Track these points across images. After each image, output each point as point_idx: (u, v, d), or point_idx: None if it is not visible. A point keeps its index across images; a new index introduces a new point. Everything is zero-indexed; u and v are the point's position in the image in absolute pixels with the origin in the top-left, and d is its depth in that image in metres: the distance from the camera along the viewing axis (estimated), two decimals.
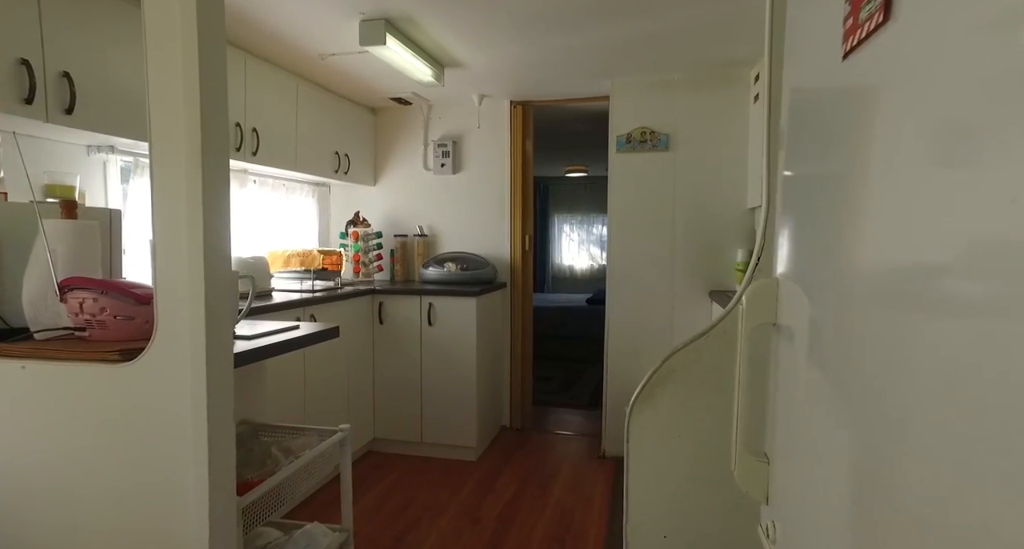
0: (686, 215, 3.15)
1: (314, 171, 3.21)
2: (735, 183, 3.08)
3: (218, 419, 1.10)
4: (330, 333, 1.63)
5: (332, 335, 1.64)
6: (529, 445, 3.50)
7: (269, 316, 2.37)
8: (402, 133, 3.87)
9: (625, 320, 3.25)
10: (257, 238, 3.16)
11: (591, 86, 3.32)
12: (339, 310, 2.95)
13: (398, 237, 3.82)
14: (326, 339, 1.62)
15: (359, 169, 3.71)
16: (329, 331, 1.63)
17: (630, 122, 3.20)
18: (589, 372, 5.38)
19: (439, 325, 3.22)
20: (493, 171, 3.73)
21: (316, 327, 1.65)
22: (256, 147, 2.67)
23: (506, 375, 3.76)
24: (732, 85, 3.05)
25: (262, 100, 2.73)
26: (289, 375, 2.56)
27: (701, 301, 3.15)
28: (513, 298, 3.73)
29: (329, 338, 1.64)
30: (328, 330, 1.63)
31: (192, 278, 1.06)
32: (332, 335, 1.64)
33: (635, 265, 3.23)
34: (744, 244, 3.07)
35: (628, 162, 3.21)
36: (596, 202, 8.23)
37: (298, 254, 2.95)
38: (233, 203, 2.99)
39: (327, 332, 1.63)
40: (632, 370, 3.26)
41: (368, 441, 3.31)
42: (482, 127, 3.73)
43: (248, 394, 1.67)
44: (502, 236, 3.73)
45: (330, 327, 1.64)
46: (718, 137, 3.09)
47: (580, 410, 4.24)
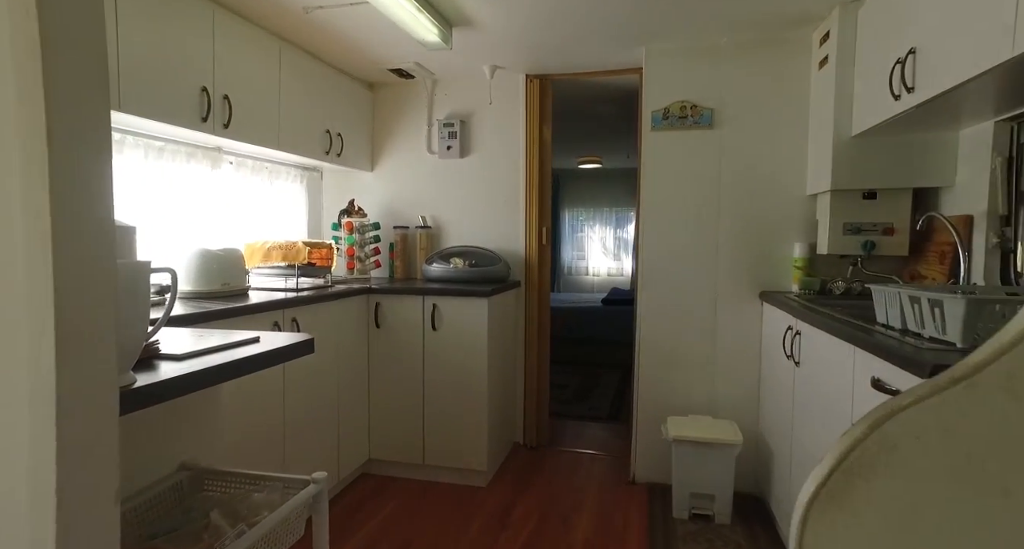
0: (733, 203, 2.71)
1: (301, 152, 2.77)
2: (792, 165, 2.63)
3: (84, 502, 0.66)
4: (299, 349, 1.20)
5: (302, 351, 1.21)
6: (546, 467, 3.06)
7: (237, 321, 1.94)
8: (403, 111, 3.43)
9: (658, 325, 2.81)
10: (234, 228, 2.73)
11: (620, 55, 2.87)
12: (328, 312, 2.51)
13: (398, 229, 3.38)
14: (293, 357, 1.19)
15: (354, 152, 3.27)
16: (298, 346, 1.20)
17: (667, 95, 2.75)
18: (606, 378, 4.94)
19: (444, 329, 2.79)
20: (506, 154, 3.29)
21: (284, 340, 1.22)
22: (228, 118, 2.24)
23: (520, 386, 3.32)
24: (790, 49, 2.60)
25: (236, 63, 2.29)
26: (264, 387, 2.12)
27: (750, 304, 2.70)
28: (528, 299, 3.29)
29: (298, 355, 1.20)
30: (297, 345, 1.20)
31: (31, 278, 0.62)
32: (302, 351, 1.21)
33: (671, 261, 2.79)
34: (803, 237, 2.62)
35: (664, 142, 2.77)
36: (611, 196, 7.78)
37: (280, 246, 2.52)
38: (203, 185, 2.58)
39: (294, 348, 1.19)
40: (667, 382, 2.81)
41: (363, 462, 2.88)
42: (494, 104, 3.28)
43: (189, 428, 1.23)
44: (516, 228, 3.29)
45: (300, 341, 1.21)
46: (772, 112, 2.64)
47: (600, 423, 3.80)
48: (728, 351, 2.74)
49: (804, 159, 2.61)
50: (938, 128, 2.03)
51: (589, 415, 3.95)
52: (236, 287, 2.28)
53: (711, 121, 2.70)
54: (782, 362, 2.28)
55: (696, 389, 2.78)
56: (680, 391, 2.80)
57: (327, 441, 2.53)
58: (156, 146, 2.19)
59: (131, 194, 2.13)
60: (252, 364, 1.07)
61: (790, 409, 2.16)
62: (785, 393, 2.24)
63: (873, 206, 2.32)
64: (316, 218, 3.48)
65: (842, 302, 2.29)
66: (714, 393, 2.77)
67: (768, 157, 2.66)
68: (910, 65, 1.64)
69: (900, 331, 1.42)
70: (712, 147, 2.72)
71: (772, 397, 2.47)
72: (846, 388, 1.55)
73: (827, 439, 1.72)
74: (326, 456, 2.53)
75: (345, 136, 3.15)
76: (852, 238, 2.35)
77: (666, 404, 2.81)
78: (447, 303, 2.78)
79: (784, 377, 2.26)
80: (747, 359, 2.71)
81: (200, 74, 2.10)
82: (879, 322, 1.56)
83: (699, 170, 2.74)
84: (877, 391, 1.29)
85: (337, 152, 3.08)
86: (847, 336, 1.53)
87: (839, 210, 2.36)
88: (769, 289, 2.68)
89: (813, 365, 1.89)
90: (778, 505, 2.32)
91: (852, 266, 2.49)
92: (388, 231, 3.44)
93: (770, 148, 2.65)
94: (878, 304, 1.56)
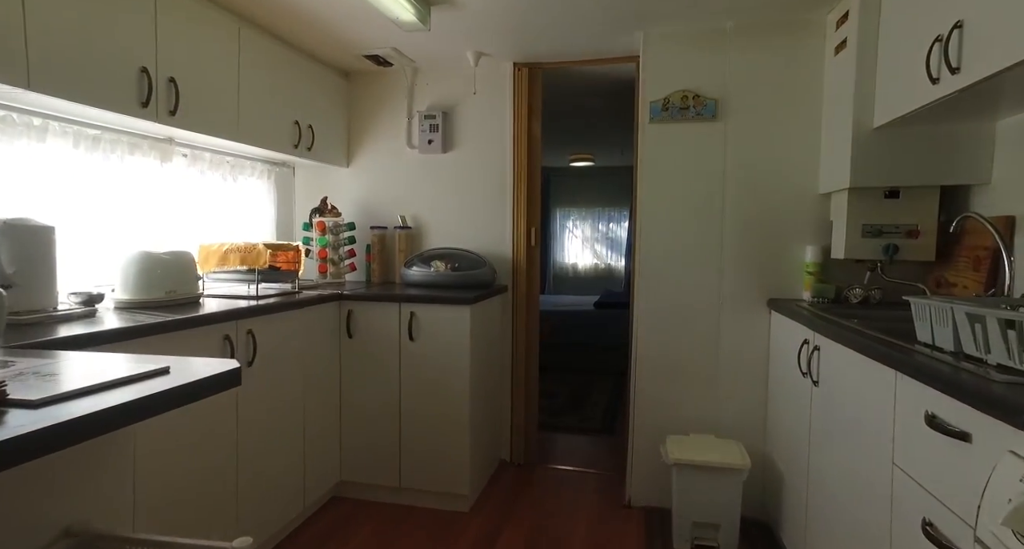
0: (738, 201, 2.48)
1: (265, 144, 2.52)
2: (804, 161, 2.41)
3: None
4: (218, 382, 0.95)
5: (221, 385, 0.96)
6: (535, 488, 2.82)
7: (176, 337, 1.68)
8: (381, 103, 3.18)
9: (657, 334, 2.58)
10: (189, 229, 2.46)
11: (615, 40, 2.64)
12: (293, 322, 2.26)
13: (375, 229, 3.13)
14: (210, 392, 0.94)
15: (327, 146, 3.01)
16: (217, 380, 0.95)
17: (667, 84, 2.52)
18: (599, 386, 4.71)
19: (423, 340, 2.54)
20: (492, 149, 3.04)
21: (203, 370, 0.97)
22: (175, 104, 1.97)
23: (506, 399, 3.07)
24: (802, 33, 2.37)
25: (184, 42, 2.03)
26: (210, 408, 1.87)
27: (757, 311, 2.47)
28: (516, 305, 3.05)
29: (216, 390, 0.95)
30: (216, 378, 0.95)
31: None
32: (221, 385, 0.96)
33: (671, 265, 2.55)
34: (815, 240, 2.40)
35: (664, 134, 2.53)
36: (603, 195, 7.55)
37: (238, 249, 2.26)
38: (150, 181, 2.30)
39: (213, 382, 0.94)
40: (666, 397, 2.58)
41: (332, 485, 2.63)
42: (479, 94, 3.04)
43: (79, 482, 0.98)
44: (503, 229, 3.05)
45: (221, 372, 0.96)
46: (782, 102, 2.41)
47: (592, 436, 3.57)
48: (732, 363, 2.51)
49: (817, 154, 2.39)
50: (973, 118, 1.81)
51: (581, 427, 3.71)
52: (184, 295, 2.02)
53: (715, 112, 2.47)
54: (796, 379, 2.05)
55: (697, 405, 2.55)
56: (680, 407, 2.57)
57: (291, 464, 2.28)
58: (89, 134, 1.93)
59: (56, 189, 1.87)
60: (144, 409, 0.82)
61: (805, 432, 1.94)
62: (799, 414, 2.02)
63: (895, 206, 2.10)
64: (287, 217, 3.22)
65: (861, 312, 2.06)
66: (717, 409, 2.54)
67: (777, 152, 2.43)
68: (954, 42, 1.41)
69: (952, 354, 1.19)
70: (716, 140, 2.49)
71: (782, 417, 2.24)
72: (884, 419, 1.32)
73: (857, 471, 1.49)
74: (289, 481, 2.27)
75: (317, 128, 2.89)
76: (872, 241, 2.13)
77: (665, 421, 2.58)
78: (426, 311, 2.53)
79: (798, 396, 2.03)
80: (753, 373, 2.49)
81: (139, 52, 1.84)
82: (921, 341, 1.33)
83: (702, 166, 2.51)
84: (936, 431, 1.06)
85: (307, 146, 2.83)
86: (886, 358, 1.30)
87: (857, 210, 2.13)
88: (778, 296, 2.45)
89: (837, 387, 1.67)
90: (789, 535, 2.09)
91: (870, 272, 2.27)
92: (364, 231, 3.18)
93: (779, 142, 2.43)
94: (920, 320, 1.33)
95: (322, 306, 2.48)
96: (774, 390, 2.38)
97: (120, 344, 1.48)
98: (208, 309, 1.91)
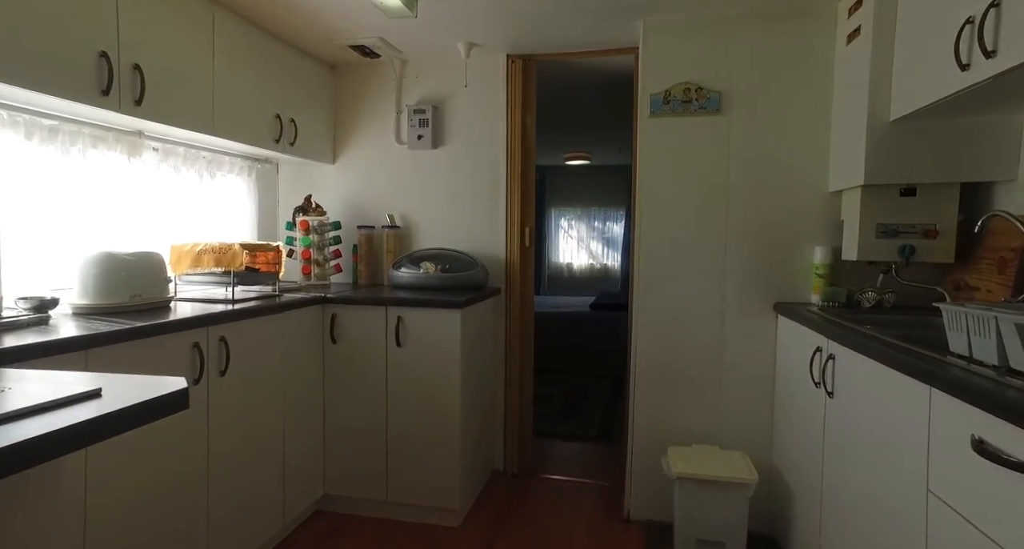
0: (743, 199, 2.35)
1: (243, 139, 2.37)
2: (812, 157, 2.28)
3: None
4: (155, 407, 0.81)
5: (159, 411, 0.82)
6: (529, 500, 2.69)
7: (136, 346, 1.54)
8: (368, 96, 3.04)
9: (657, 339, 2.45)
10: (160, 228, 2.32)
11: (614, 30, 2.50)
12: (271, 327, 2.12)
13: (362, 229, 2.99)
14: (145, 421, 0.80)
15: (311, 141, 2.87)
16: (156, 404, 0.81)
17: (668, 76, 2.39)
18: (595, 389, 4.58)
19: (411, 345, 2.40)
20: (485, 145, 2.91)
21: (140, 392, 0.83)
22: (140, 93, 1.83)
23: (500, 406, 2.94)
24: (812, 22, 2.25)
25: (150, 26, 1.88)
26: (176, 423, 1.72)
27: (762, 316, 2.35)
28: (509, 308, 2.91)
29: (156, 417, 0.81)
30: (156, 402, 0.81)
31: None
32: (159, 411, 0.82)
33: (672, 266, 2.42)
34: (824, 240, 2.27)
35: (665, 129, 2.40)
36: (599, 194, 7.42)
37: (212, 249, 2.12)
38: (117, 177, 2.13)
39: (152, 407, 0.80)
40: (666, 405, 2.45)
41: (316, 499, 2.49)
42: (471, 88, 2.90)
43: None
44: (496, 229, 2.91)
45: (157, 397, 0.82)
46: (789, 94, 2.29)
47: (589, 444, 3.44)
48: (737, 370, 2.38)
49: (827, 149, 2.26)
50: (1001, 109, 1.68)
51: (577, 434, 3.58)
52: (152, 299, 1.88)
53: (719, 105, 2.34)
54: (807, 389, 1.92)
55: (700, 414, 2.43)
56: (682, 416, 2.44)
57: (269, 478, 2.14)
58: (45, 125, 1.78)
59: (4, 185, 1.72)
60: (57, 445, 0.68)
61: (818, 446, 1.81)
62: (811, 426, 1.89)
63: (912, 204, 1.98)
64: (270, 216, 3.08)
65: (876, 317, 1.94)
66: (720, 419, 2.41)
67: (784, 147, 2.31)
68: (990, 23, 1.29)
69: (994, 368, 1.06)
70: (720, 135, 2.36)
71: (791, 427, 2.12)
72: (917, 440, 1.19)
73: (882, 495, 1.36)
74: (267, 497, 2.13)
75: (300, 122, 2.74)
76: (887, 242, 2.00)
77: (665, 431, 2.45)
78: (414, 315, 2.39)
79: (810, 408, 1.90)
80: (758, 380, 2.36)
81: (97, 35, 1.69)
82: (955, 352, 1.21)
83: (705, 162, 2.38)
84: (987, 459, 0.93)
85: (290, 141, 2.68)
86: (918, 372, 1.17)
87: (872, 209, 2.01)
88: (785, 300, 2.33)
89: (856, 400, 1.54)
90: None
91: (883, 274, 2.14)
92: (351, 231, 3.04)
93: (787, 136, 2.30)
94: (954, 329, 1.20)
95: (304, 310, 2.34)
96: (782, 399, 2.25)
97: (68, 356, 1.33)
98: (178, 315, 1.77)
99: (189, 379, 1.74)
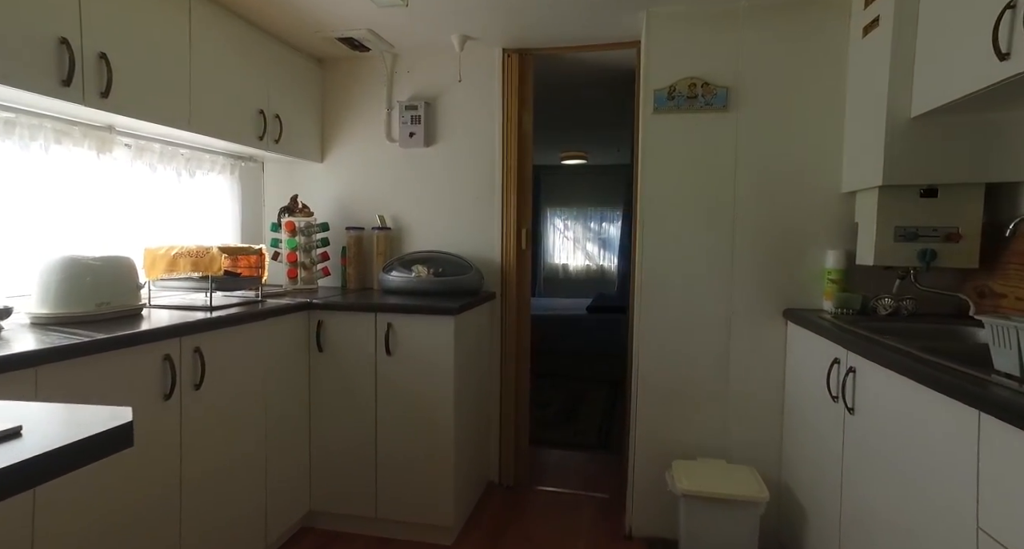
0: (751, 200, 2.23)
1: (224, 135, 2.23)
2: (824, 156, 2.17)
3: None
4: (88, 449, 0.68)
5: (92, 454, 0.68)
6: (526, 514, 2.56)
7: (97, 360, 1.40)
8: (358, 91, 2.90)
9: (660, 347, 2.33)
10: (135, 230, 2.18)
11: (615, 22, 2.38)
12: (252, 336, 1.98)
13: (351, 231, 2.85)
14: (73, 466, 0.66)
15: (298, 138, 2.73)
16: (82, 447, 0.68)
17: (673, 71, 2.27)
18: (592, 394, 4.46)
19: (401, 354, 2.27)
20: (479, 142, 2.78)
21: (76, 431, 0.70)
22: (106, 85, 1.69)
23: (495, 415, 2.81)
24: (824, 14, 2.13)
25: (118, 13, 1.74)
26: (146, 441, 1.59)
27: (771, 323, 2.23)
28: (505, 314, 2.78)
29: (85, 462, 0.68)
30: (80, 445, 0.67)
31: None
32: (92, 454, 0.68)
33: (676, 270, 2.30)
34: (837, 244, 2.16)
35: (669, 127, 2.28)
36: (596, 194, 7.30)
37: (188, 253, 1.98)
38: (86, 175, 1.90)
39: (75, 451, 0.67)
40: (671, 416, 2.33)
41: (302, 515, 2.35)
42: (465, 83, 2.77)
43: None
44: (491, 231, 2.78)
45: (89, 437, 0.68)
46: (801, 90, 2.17)
47: (587, 453, 3.32)
48: (744, 380, 2.26)
49: (840, 148, 2.15)
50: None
51: (574, 442, 3.46)
52: (122, 307, 1.74)
53: (726, 102, 2.23)
54: (823, 404, 1.81)
55: (705, 426, 2.31)
56: (686, 428, 2.32)
57: (250, 496, 2.00)
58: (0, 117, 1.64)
59: None
60: None
61: (836, 465, 1.69)
62: (827, 443, 1.77)
63: (933, 206, 1.86)
64: (255, 217, 2.94)
65: (896, 326, 1.83)
66: (726, 431, 2.29)
67: (795, 145, 2.19)
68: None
69: None
70: (727, 133, 2.24)
71: (804, 442, 2.00)
72: (963, 471, 1.08)
73: (919, 529, 1.25)
74: (248, 515, 2.00)
75: (285, 119, 2.61)
76: (906, 246, 1.89)
77: (668, 443, 2.33)
78: (405, 322, 2.26)
79: (827, 423, 1.79)
80: (767, 391, 2.25)
81: (55, 19, 1.55)
82: (1002, 371, 1.09)
83: (711, 161, 2.26)
84: None
85: (274, 138, 2.54)
86: (962, 393, 1.05)
87: (890, 211, 1.90)
88: (795, 306, 2.21)
89: (883, 419, 1.42)
90: None
91: (899, 279, 2.03)
92: (340, 232, 2.91)
93: (798, 134, 2.19)
94: (1001, 345, 1.09)
95: (288, 317, 2.21)
96: (792, 412, 2.13)
97: (14, 375, 1.20)
98: (149, 324, 1.63)
99: (159, 394, 1.60)
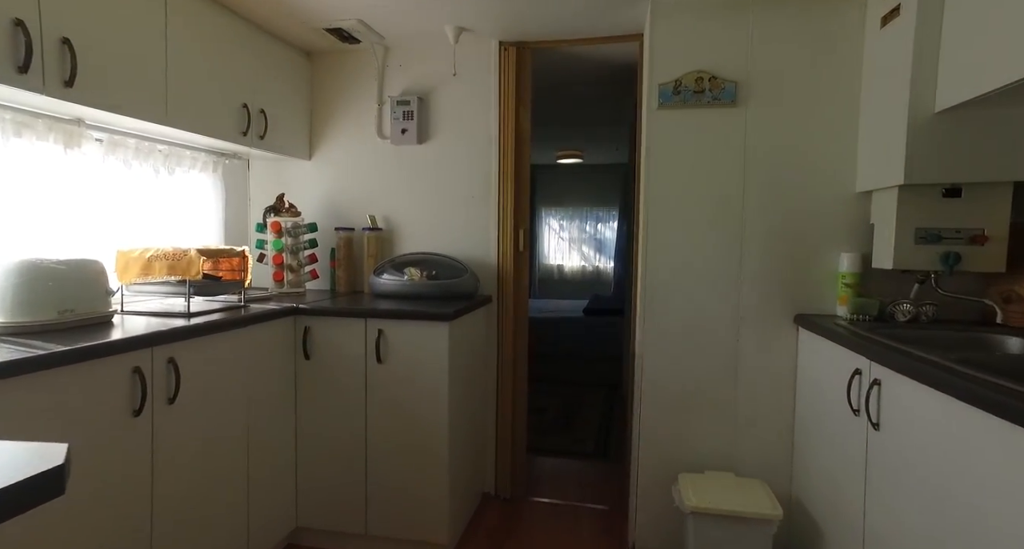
0: (761, 200, 2.13)
1: (203, 130, 2.11)
2: (838, 154, 2.06)
3: None
4: (8, 502, 0.56)
5: (13, 507, 0.56)
6: (523, 528, 2.44)
7: (56, 374, 1.27)
8: (348, 86, 2.78)
9: (664, 355, 2.22)
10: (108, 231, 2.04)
11: (616, 13, 2.27)
12: (233, 343, 1.86)
13: (341, 231, 2.72)
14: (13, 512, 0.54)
15: (285, 134, 2.61)
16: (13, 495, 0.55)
17: (679, 64, 2.15)
18: (590, 399, 4.35)
19: (393, 361, 2.15)
20: (474, 139, 2.66)
21: None
22: (70, 73, 1.56)
23: (491, 423, 2.70)
24: (839, 4, 2.03)
25: None
26: (112, 457, 1.46)
27: (782, 328, 2.12)
28: (502, 318, 2.67)
29: (12, 513, 0.56)
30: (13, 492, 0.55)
31: None
32: (13, 507, 0.56)
33: (681, 274, 2.19)
34: (852, 246, 2.06)
35: (675, 123, 2.17)
36: (592, 194, 7.19)
37: (164, 256, 1.85)
38: (51, 171, 1.75)
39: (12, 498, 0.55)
40: (675, 426, 2.22)
41: (288, 533, 2.22)
42: (459, 77, 2.65)
43: None
44: (487, 232, 2.67)
45: (7, 486, 0.56)
46: (813, 85, 2.07)
47: (586, 461, 3.21)
48: (753, 389, 2.16)
49: (854, 145, 2.05)
50: None
51: (573, 450, 3.35)
52: (88, 314, 1.61)
53: (734, 96, 2.12)
54: (843, 417, 1.70)
55: (712, 436, 2.20)
56: (692, 439, 2.21)
57: (230, 514, 1.87)
58: None
59: None
60: None
61: (859, 483, 1.59)
62: (847, 458, 1.67)
63: (956, 206, 1.76)
64: (240, 217, 2.81)
65: (917, 334, 1.72)
66: (735, 442, 2.18)
67: (807, 142, 2.08)
68: None
69: None
70: (736, 129, 2.13)
71: (819, 456, 1.89)
72: (1020, 500, 0.97)
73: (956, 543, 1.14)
74: (228, 533, 1.87)
75: (271, 114, 2.48)
76: (927, 248, 1.78)
77: (673, 454, 2.22)
78: (397, 328, 2.14)
79: (847, 438, 1.68)
80: (777, 400, 2.14)
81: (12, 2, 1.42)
82: None
83: (718, 158, 2.15)
84: None
85: (259, 133, 2.42)
86: (1019, 417, 0.94)
87: (910, 211, 1.79)
88: (806, 311, 2.11)
89: (915, 437, 1.31)
90: None
91: (919, 284, 1.93)
92: (329, 233, 2.78)
93: (810, 131, 2.08)
94: None
95: (273, 323, 2.08)
96: (805, 423, 2.03)
97: None
98: (118, 333, 1.50)
99: (127, 410, 1.47)
